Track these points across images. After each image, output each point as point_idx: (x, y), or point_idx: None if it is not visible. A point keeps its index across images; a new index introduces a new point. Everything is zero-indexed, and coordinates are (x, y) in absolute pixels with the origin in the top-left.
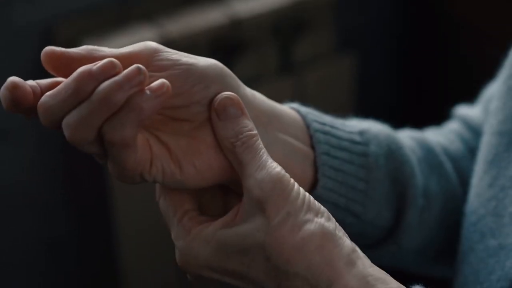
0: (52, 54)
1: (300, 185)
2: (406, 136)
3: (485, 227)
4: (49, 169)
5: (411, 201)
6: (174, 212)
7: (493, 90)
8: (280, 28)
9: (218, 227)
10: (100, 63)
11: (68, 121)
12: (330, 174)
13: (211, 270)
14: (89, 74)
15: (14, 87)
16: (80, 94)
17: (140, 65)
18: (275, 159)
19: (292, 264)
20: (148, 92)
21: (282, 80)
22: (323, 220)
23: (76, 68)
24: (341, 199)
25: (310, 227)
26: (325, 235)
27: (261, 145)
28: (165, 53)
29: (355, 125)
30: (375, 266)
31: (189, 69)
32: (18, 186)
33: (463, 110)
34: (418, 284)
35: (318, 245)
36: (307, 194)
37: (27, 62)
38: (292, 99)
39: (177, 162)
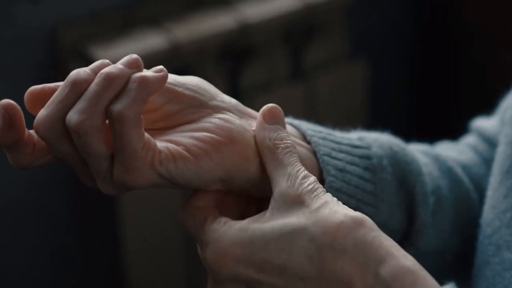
0: (34, 91)
1: None
2: (413, 148)
3: (500, 240)
4: (53, 178)
5: (420, 199)
6: (203, 216)
7: (509, 100)
8: (291, 33)
9: (252, 221)
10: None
11: (75, 110)
12: (336, 174)
13: (247, 263)
14: (83, 70)
15: (10, 106)
16: (79, 87)
17: (135, 55)
18: None
19: (338, 240)
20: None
21: (293, 86)
22: (359, 212)
23: None
24: (351, 200)
25: (349, 212)
26: (365, 218)
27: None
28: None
29: (353, 133)
30: None
31: (172, 77)
32: (22, 195)
33: (479, 122)
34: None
35: (360, 224)
36: None
37: (32, 67)
38: (303, 106)
39: (190, 151)
